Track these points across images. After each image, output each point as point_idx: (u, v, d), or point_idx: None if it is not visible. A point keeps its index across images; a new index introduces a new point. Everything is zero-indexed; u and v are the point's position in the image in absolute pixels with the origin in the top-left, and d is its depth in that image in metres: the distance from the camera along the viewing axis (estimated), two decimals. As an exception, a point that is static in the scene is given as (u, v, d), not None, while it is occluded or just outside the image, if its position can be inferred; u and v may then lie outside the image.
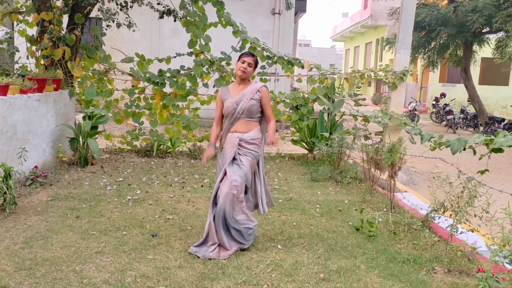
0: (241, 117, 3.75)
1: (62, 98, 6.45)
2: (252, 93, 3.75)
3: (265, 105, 3.80)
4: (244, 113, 3.73)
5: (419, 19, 13.42)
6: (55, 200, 4.84)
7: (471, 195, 3.64)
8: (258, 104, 3.76)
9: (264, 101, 3.79)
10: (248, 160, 3.71)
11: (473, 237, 3.91)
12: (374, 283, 3.25)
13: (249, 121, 3.77)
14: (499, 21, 11.63)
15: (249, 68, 3.77)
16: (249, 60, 3.77)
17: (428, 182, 7.44)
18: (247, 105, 3.72)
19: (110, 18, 6.69)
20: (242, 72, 3.75)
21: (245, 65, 3.75)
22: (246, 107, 3.72)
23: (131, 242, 3.78)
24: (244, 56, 3.81)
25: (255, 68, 3.85)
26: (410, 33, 7.63)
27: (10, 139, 5.08)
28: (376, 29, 28.39)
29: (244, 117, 3.75)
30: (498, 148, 4.18)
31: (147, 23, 11.73)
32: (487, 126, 13.74)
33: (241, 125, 3.77)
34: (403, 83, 7.73)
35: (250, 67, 3.78)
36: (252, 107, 3.73)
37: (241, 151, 3.73)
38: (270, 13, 12.87)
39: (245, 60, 3.76)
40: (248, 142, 3.74)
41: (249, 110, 3.73)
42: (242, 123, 3.76)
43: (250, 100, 3.73)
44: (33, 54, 6.71)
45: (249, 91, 3.76)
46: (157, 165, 6.81)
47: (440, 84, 22.43)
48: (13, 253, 3.46)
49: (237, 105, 3.73)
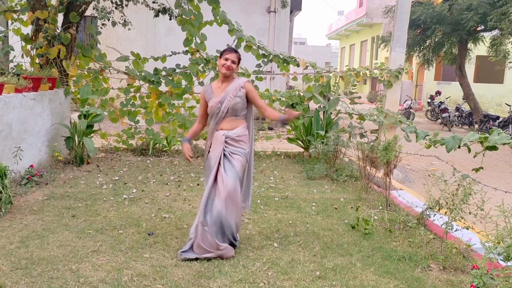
0: (226, 116, 3.64)
1: (57, 97, 6.43)
2: (236, 91, 3.63)
3: (253, 98, 3.70)
4: (228, 111, 3.63)
5: (414, 17, 13.47)
6: (51, 199, 4.83)
7: (466, 192, 3.66)
8: (243, 102, 3.66)
9: (250, 94, 3.68)
10: (239, 161, 3.60)
11: (468, 235, 3.93)
12: (370, 280, 3.27)
13: (234, 119, 3.66)
14: (494, 19, 11.68)
15: (233, 65, 3.64)
16: (233, 58, 3.63)
17: (423, 180, 7.47)
18: (231, 103, 3.61)
19: (105, 16, 6.67)
20: (226, 70, 3.62)
21: (229, 63, 3.61)
22: (230, 106, 3.61)
23: (128, 241, 3.78)
24: (226, 53, 3.66)
25: (238, 65, 3.72)
26: (405, 31, 7.65)
27: (5, 138, 5.06)
28: (372, 27, 28.44)
29: (229, 115, 3.64)
30: (492, 146, 4.20)
31: (143, 22, 11.70)
32: (482, 124, 13.81)
33: (226, 123, 3.66)
34: (398, 81, 7.75)
35: (234, 64, 3.64)
36: (237, 105, 3.62)
37: (230, 149, 3.61)
38: (266, 11, 12.87)
39: (229, 58, 3.62)
40: (234, 139, 3.63)
41: (234, 108, 3.62)
42: (228, 121, 3.66)
43: (234, 98, 3.62)
44: (28, 53, 6.68)
45: (232, 89, 3.64)
46: (153, 164, 6.81)
47: (435, 82, 22.52)
48: (9, 252, 3.45)
49: (221, 104, 3.61)
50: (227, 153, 3.60)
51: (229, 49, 3.73)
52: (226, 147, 3.62)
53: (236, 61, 3.65)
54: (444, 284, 3.28)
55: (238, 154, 3.62)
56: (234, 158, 3.59)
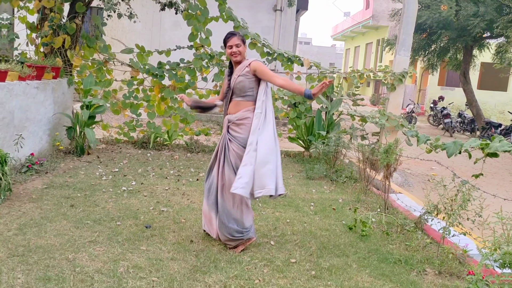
0: (233, 97, 3.63)
1: (60, 86, 6.43)
2: (241, 70, 3.59)
3: (262, 72, 3.52)
4: (234, 92, 3.61)
5: (420, 21, 13.44)
6: (50, 188, 4.84)
7: (464, 198, 3.66)
8: (249, 81, 3.56)
9: (259, 69, 3.52)
10: (233, 151, 3.55)
11: (465, 240, 3.94)
12: (365, 282, 3.27)
13: (240, 102, 3.60)
14: (500, 26, 11.66)
15: (239, 48, 3.57)
16: (235, 42, 3.56)
17: (423, 184, 7.47)
18: (236, 82, 3.58)
19: (112, 8, 6.68)
20: (235, 57, 3.59)
21: (234, 49, 3.56)
22: (234, 85, 3.59)
23: (125, 233, 3.79)
24: (228, 41, 3.59)
25: (245, 44, 3.63)
26: (411, 35, 7.64)
27: (7, 126, 5.07)
28: (377, 29, 28.39)
29: (236, 96, 3.61)
30: (493, 152, 4.19)
31: (148, 15, 11.70)
32: (483, 130, 13.80)
33: (232, 106, 3.64)
34: (402, 85, 7.74)
35: (240, 47, 3.57)
36: (240, 84, 3.56)
37: (230, 135, 3.60)
38: (272, 9, 12.86)
39: (232, 44, 3.56)
40: (235, 123, 3.58)
41: (238, 88, 3.57)
42: (234, 104, 3.63)
43: (238, 77, 3.57)
44: (33, 41, 6.69)
45: (238, 69, 3.61)
46: (153, 157, 6.81)
47: (439, 87, 22.50)
48: (6, 239, 3.46)
49: (230, 86, 3.64)
50: (227, 140, 3.60)
51: (228, 35, 3.61)
52: (228, 133, 3.62)
53: (240, 44, 3.57)
54: (439, 289, 3.28)
55: (235, 142, 3.56)
56: (230, 149, 3.58)
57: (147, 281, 2.99)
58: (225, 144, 3.61)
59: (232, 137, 3.59)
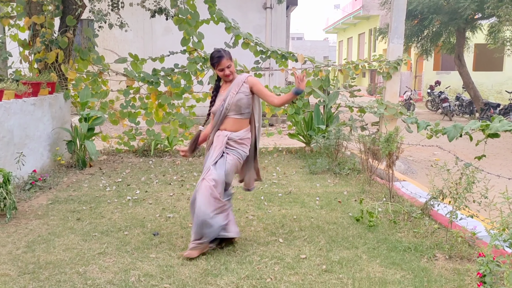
0: (229, 114, 3.59)
1: (57, 101, 6.44)
2: (238, 86, 3.57)
3: (260, 91, 3.60)
4: (232, 109, 3.56)
5: (411, 8, 13.43)
6: (55, 203, 4.84)
7: (469, 181, 3.66)
8: (247, 98, 3.58)
9: (256, 87, 3.59)
10: (233, 158, 3.57)
11: (473, 223, 3.94)
12: (376, 272, 3.28)
13: (238, 120, 3.61)
14: (491, 6, 11.65)
15: (231, 68, 3.57)
16: (226, 64, 3.53)
17: (426, 170, 7.47)
18: (234, 100, 3.54)
19: (102, 19, 6.67)
20: (228, 77, 3.59)
21: (227, 72, 3.55)
22: (233, 102, 3.54)
23: (133, 242, 3.79)
24: (217, 64, 3.53)
25: (232, 61, 3.61)
26: (403, 22, 7.64)
27: (7, 144, 5.07)
28: (369, 19, 28.36)
29: (233, 114, 3.58)
30: (494, 133, 4.19)
31: (139, 23, 11.69)
32: (482, 112, 13.79)
33: (230, 123, 3.61)
34: (398, 73, 7.74)
35: (230, 67, 3.56)
36: (240, 101, 3.55)
37: (228, 150, 3.58)
38: (262, 7, 12.84)
39: (223, 67, 3.53)
40: (237, 141, 3.60)
41: (237, 105, 3.55)
42: (231, 121, 3.60)
43: (237, 94, 3.55)
44: (26, 58, 6.69)
45: (235, 85, 3.58)
46: (155, 165, 6.81)
47: (435, 72, 22.47)
48: (15, 257, 3.46)
49: (224, 102, 3.57)
50: (224, 153, 3.58)
51: (216, 58, 3.53)
52: (227, 148, 3.59)
53: (230, 64, 3.55)
54: (450, 273, 3.28)
55: (233, 155, 3.58)
56: (229, 156, 3.56)
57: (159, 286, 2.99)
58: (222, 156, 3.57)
59: (231, 151, 3.59)
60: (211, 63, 3.58)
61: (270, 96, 3.65)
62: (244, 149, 3.65)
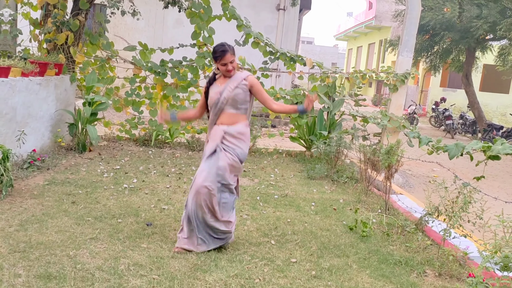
0: (226, 108, 3.49)
1: (63, 83, 6.44)
2: (237, 82, 3.48)
3: (259, 92, 3.54)
4: (228, 103, 3.47)
5: (424, 23, 13.42)
6: (52, 184, 4.85)
7: (466, 200, 3.66)
8: (244, 94, 3.49)
9: (256, 88, 3.53)
10: (228, 158, 3.43)
11: (466, 243, 3.94)
12: (365, 283, 3.28)
13: (235, 114, 3.50)
14: (503, 28, 11.64)
15: (233, 64, 3.48)
16: (230, 59, 3.43)
17: (424, 185, 7.47)
18: (231, 94, 3.45)
19: (115, 5, 6.68)
20: (230, 72, 3.50)
21: (229, 67, 3.46)
22: (230, 96, 3.45)
23: (126, 230, 3.79)
24: (220, 58, 3.43)
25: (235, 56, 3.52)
26: (414, 36, 7.64)
27: (10, 121, 5.08)
28: (380, 30, 28.36)
29: (229, 108, 3.48)
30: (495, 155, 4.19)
31: (151, 12, 11.69)
32: (485, 133, 13.79)
33: (226, 117, 3.51)
34: (404, 86, 7.74)
35: (233, 62, 3.47)
36: (238, 96, 3.46)
37: (224, 146, 3.46)
38: (275, 8, 12.85)
39: (225, 62, 3.43)
40: (234, 136, 3.48)
41: (234, 99, 3.46)
42: (228, 115, 3.50)
43: (235, 89, 3.46)
44: (36, 37, 6.69)
45: (234, 80, 3.50)
46: (154, 155, 6.82)
47: (441, 88, 22.47)
48: (7, 235, 3.47)
49: (221, 95, 3.47)
50: (220, 149, 3.46)
51: (220, 52, 3.44)
52: (223, 143, 3.48)
53: (233, 59, 3.47)
54: (439, 291, 3.28)
55: (230, 152, 3.46)
56: (223, 154, 3.43)
57: (147, 279, 3.00)
58: (216, 151, 3.46)
59: (227, 147, 3.47)
60: (214, 56, 3.48)
61: (270, 100, 3.60)
62: (242, 146, 3.52)
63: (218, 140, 3.46)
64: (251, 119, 7.31)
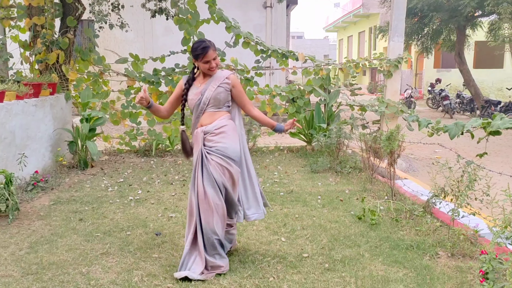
0: (207, 108, 3.27)
1: (58, 102, 6.44)
2: (219, 80, 3.27)
3: (240, 93, 3.34)
4: (210, 103, 3.26)
5: (411, 6, 13.43)
6: (57, 204, 4.85)
7: (471, 178, 3.66)
8: (226, 93, 3.28)
9: (237, 89, 3.33)
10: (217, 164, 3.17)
11: (475, 220, 3.94)
12: (379, 270, 3.28)
13: (215, 112, 3.28)
14: (491, 4, 11.64)
15: (216, 60, 3.26)
16: (213, 55, 3.21)
17: (428, 168, 7.47)
18: (213, 93, 3.24)
19: (103, 19, 6.69)
20: (212, 71, 3.27)
21: (213, 64, 3.23)
22: (212, 96, 3.24)
23: (136, 242, 3.80)
24: (203, 56, 3.19)
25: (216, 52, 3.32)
26: (403, 20, 7.63)
27: (9, 145, 5.08)
28: (369, 17, 28.34)
29: (211, 107, 3.27)
30: (495, 130, 4.20)
31: (139, 23, 11.70)
32: (483, 109, 13.79)
33: (207, 117, 3.28)
34: (398, 71, 7.74)
35: (216, 59, 3.26)
36: (220, 94, 3.25)
37: (208, 147, 3.22)
38: (262, 6, 12.85)
39: (209, 59, 3.20)
40: (213, 133, 3.23)
41: (216, 98, 3.25)
42: (208, 115, 3.28)
43: (217, 88, 3.25)
44: (27, 59, 6.69)
45: (215, 79, 3.28)
46: (156, 164, 6.82)
47: (435, 69, 22.48)
48: (19, 258, 3.47)
49: (202, 95, 3.25)
50: (205, 153, 3.21)
51: (200, 49, 3.20)
52: (205, 145, 3.24)
53: (216, 56, 3.25)
54: (453, 271, 3.28)
55: (215, 154, 3.20)
56: (209, 161, 3.19)
57: (162, 288, 3.00)
58: (202, 158, 3.21)
59: (210, 149, 3.22)
60: (195, 54, 3.22)
61: (250, 104, 3.38)
62: (226, 141, 3.22)
63: (200, 143, 3.25)
64: (249, 119, 7.32)
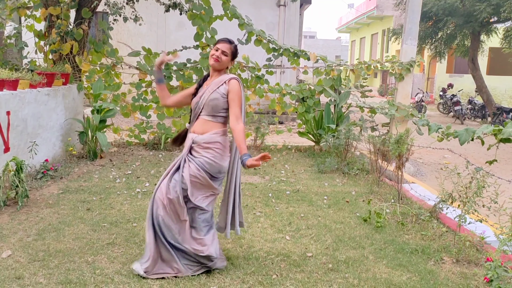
0: (202, 114, 3.12)
1: (70, 92, 6.50)
2: (217, 85, 3.09)
3: (232, 101, 3.06)
4: (204, 108, 3.10)
5: (426, 9, 13.33)
6: (66, 193, 4.91)
7: (479, 185, 3.64)
8: (222, 100, 3.07)
9: (231, 95, 3.06)
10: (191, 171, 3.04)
11: (482, 227, 3.92)
12: (383, 273, 3.28)
13: (208, 121, 3.10)
14: (507, 10, 11.52)
15: (224, 57, 3.10)
16: (224, 48, 3.10)
17: (436, 173, 7.43)
18: (207, 98, 3.08)
19: (117, 12, 6.72)
20: (214, 61, 3.10)
21: (218, 53, 3.09)
22: (205, 102, 3.08)
23: (141, 234, 3.83)
24: (219, 42, 3.14)
25: (233, 59, 3.19)
26: (417, 24, 7.59)
27: (21, 133, 5.14)
28: (382, 19, 28.19)
29: (204, 114, 3.11)
30: (506, 138, 4.17)
31: (153, 17, 11.74)
32: (495, 116, 13.66)
33: (199, 124, 3.13)
34: (410, 74, 7.70)
35: (226, 56, 3.11)
36: (213, 101, 3.06)
37: (190, 157, 3.10)
38: (276, 5, 12.83)
39: (219, 48, 3.10)
40: (201, 145, 3.07)
41: (209, 105, 3.07)
42: (201, 122, 3.12)
43: (213, 93, 3.07)
44: (41, 49, 6.76)
45: (216, 82, 3.11)
46: (165, 158, 6.86)
47: (448, 74, 22.28)
48: (26, 245, 3.52)
49: (200, 99, 3.13)
50: (187, 160, 3.10)
51: (223, 39, 3.18)
52: (191, 153, 3.12)
53: (227, 53, 3.11)
54: (457, 277, 3.27)
55: (193, 162, 3.06)
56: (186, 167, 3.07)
57: (167, 280, 3.03)
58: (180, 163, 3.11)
59: (192, 159, 3.08)
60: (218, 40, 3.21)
61: (236, 117, 3.03)
62: (209, 156, 3.06)
63: (186, 150, 3.13)
64: (259, 117, 7.33)
